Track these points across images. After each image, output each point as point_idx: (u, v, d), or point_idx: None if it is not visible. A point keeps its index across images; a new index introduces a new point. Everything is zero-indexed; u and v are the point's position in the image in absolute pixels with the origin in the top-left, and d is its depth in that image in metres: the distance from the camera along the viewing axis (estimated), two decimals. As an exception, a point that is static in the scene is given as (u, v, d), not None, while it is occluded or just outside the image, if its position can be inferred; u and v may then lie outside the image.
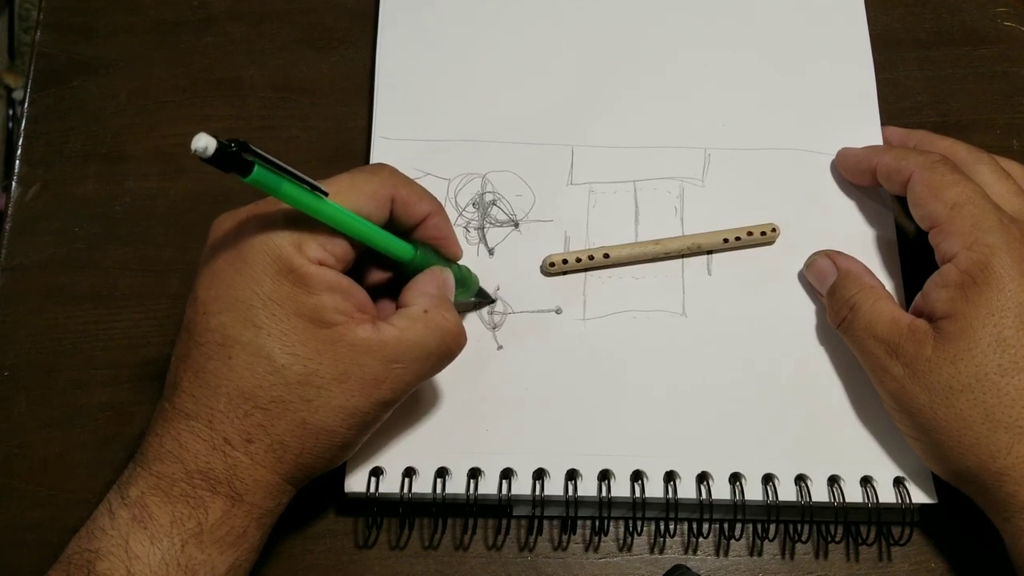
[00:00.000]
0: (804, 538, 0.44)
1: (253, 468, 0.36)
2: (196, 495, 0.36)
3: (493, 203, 0.49)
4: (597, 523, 0.43)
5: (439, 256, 0.42)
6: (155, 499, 0.36)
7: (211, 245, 0.38)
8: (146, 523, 0.35)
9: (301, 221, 0.36)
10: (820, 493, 0.43)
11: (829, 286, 0.45)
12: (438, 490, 0.42)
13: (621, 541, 0.44)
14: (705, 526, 0.44)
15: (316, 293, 0.36)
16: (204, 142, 0.31)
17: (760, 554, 0.44)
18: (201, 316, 0.37)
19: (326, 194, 0.36)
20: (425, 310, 0.39)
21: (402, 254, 0.40)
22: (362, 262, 0.41)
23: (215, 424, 0.36)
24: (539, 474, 0.43)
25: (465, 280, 0.44)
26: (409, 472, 0.43)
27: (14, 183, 0.51)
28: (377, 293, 0.41)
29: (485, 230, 0.48)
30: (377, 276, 0.42)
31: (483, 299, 0.46)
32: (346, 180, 0.38)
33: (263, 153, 0.33)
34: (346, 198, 0.37)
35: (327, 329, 0.36)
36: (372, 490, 0.42)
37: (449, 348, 0.39)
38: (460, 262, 0.44)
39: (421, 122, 0.50)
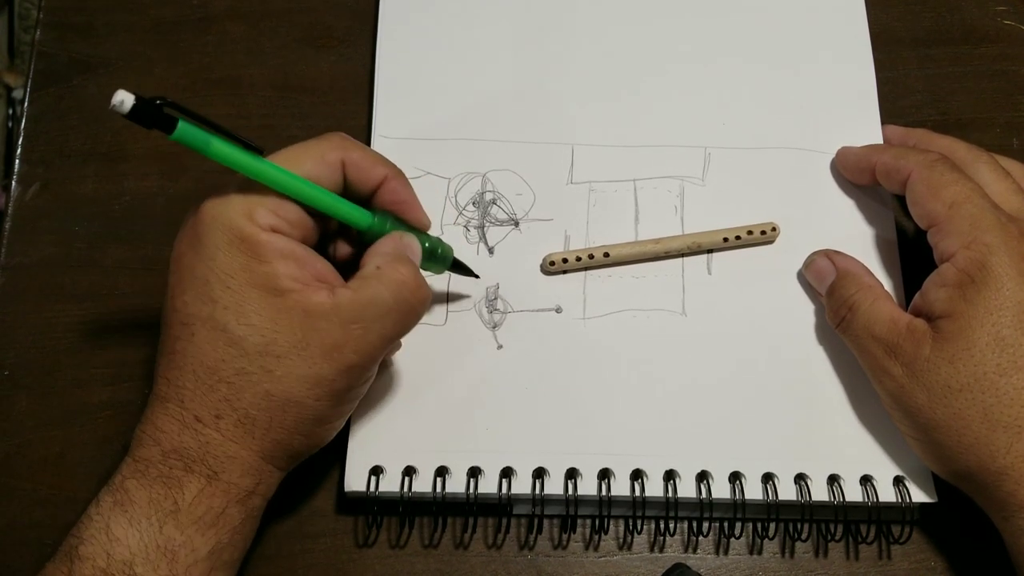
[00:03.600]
0: (804, 537, 0.44)
1: (225, 444, 0.37)
2: (172, 475, 0.36)
3: (493, 202, 0.49)
4: (597, 522, 0.43)
5: (403, 225, 0.41)
6: (134, 482, 0.36)
7: (178, 236, 0.39)
8: (126, 506, 0.36)
9: (251, 190, 0.37)
10: (820, 492, 0.43)
11: (828, 286, 0.45)
12: (438, 489, 0.42)
13: (621, 540, 0.44)
14: (705, 525, 0.44)
15: (268, 261, 0.36)
16: (121, 97, 0.31)
17: (760, 553, 0.44)
18: (169, 301, 0.38)
19: (261, 151, 0.36)
20: (378, 266, 0.38)
21: (359, 221, 0.39)
22: (333, 238, 0.41)
23: (186, 403, 0.36)
24: (539, 473, 0.43)
25: (434, 251, 0.42)
26: (409, 471, 0.43)
27: (14, 182, 0.51)
28: (350, 269, 0.41)
29: (485, 229, 0.48)
30: (344, 249, 0.42)
31: (464, 272, 0.45)
32: (296, 147, 0.39)
33: (190, 110, 0.33)
34: (292, 161, 0.37)
35: (281, 297, 0.36)
36: (372, 489, 0.42)
37: (407, 301, 0.38)
38: (434, 235, 0.43)
39: (421, 121, 0.50)
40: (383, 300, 0.37)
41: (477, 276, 0.46)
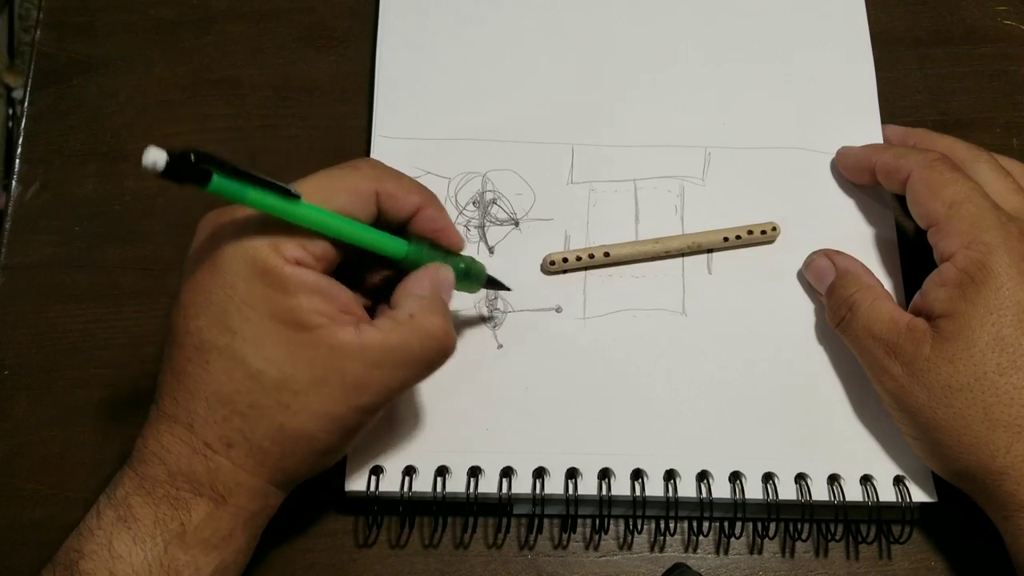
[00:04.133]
0: (804, 536, 0.44)
1: (235, 472, 0.36)
2: (179, 496, 0.35)
3: (493, 202, 0.49)
4: (597, 521, 0.43)
5: (439, 250, 0.40)
6: (139, 499, 0.35)
7: (194, 248, 0.37)
8: (130, 523, 0.35)
9: (279, 220, 0.35)
10: (820, 492, 0.43)
11: (828, 285, 0.45)
12: (438, 489, 0.42)
13: (621, 539, 0.44)
14: (705, 524, 0.44)
15: (293, 295, 0.35)
16: (153, 157, 0.29)
17: (760, 552, 0.44)
18: (181, 320, 0.36)
19: (297, 197, 0.34)
20: (411, 314, 0.37)
21: (393, 251, 0.38)
22: (360, 261, 0.40)
23: (195, 428, 0.36)
24: (539, 473, 0.43)
25: (469, 271, 0.42)
26: (409, 471, 0.43)
27: (14, 182, 0.51)
28: (379, 294, 0.41)
29: (485, 229, 0.48)
30: (377, 276, 0.41)
31: (497, 287, 0.44)
32: (323, 178, 0.37)
33: (222, 159, 0.31)
34: (324, 196, 0.36)
35: (306, 332, 0.35)
36: (372, 489, 0.42)
37: (433, 355, 0.38)
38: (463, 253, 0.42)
39: (421, 121, 0.50)
40: (411, 350, 0.37)
41: (510, 289, 0.45)
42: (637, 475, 0.43)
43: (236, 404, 0.35)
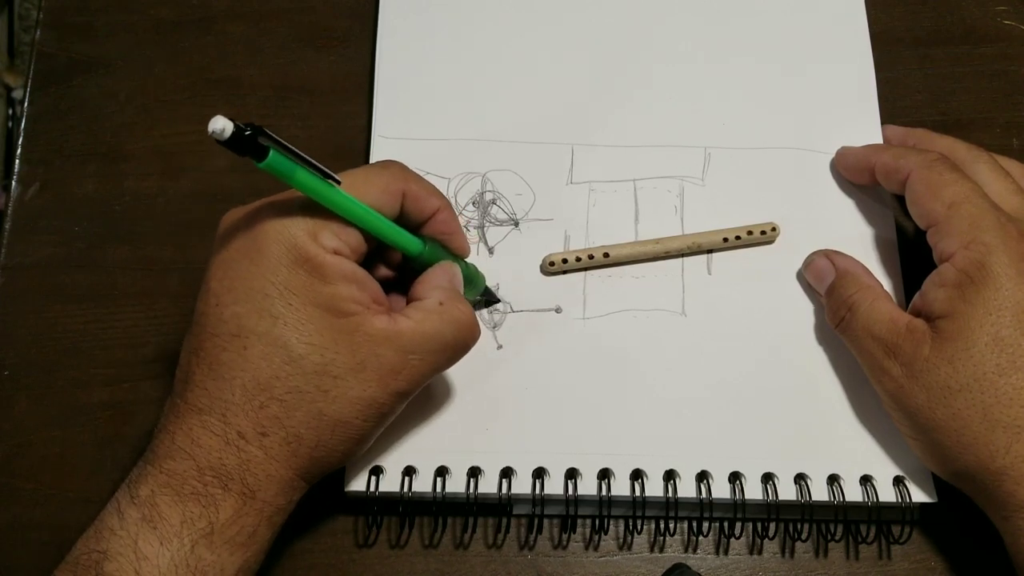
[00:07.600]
0: (804, 537, 0.44)
1: (267, 463, 0.36)
2: (208, 493, 0.35)
3: (493, 202, 0.49)
4: (597, 522, 0.43)
5: (446, 252, 0.42)
6: (165, 498, 0.35)
7: (222, 236, 0.38)
8: (156, 523, 0.35)
9: (315, 211, 0.37)
10: (820, 492, 0.43)
11: (827, 286, 0.45)
12: (438, 489, 0.42)
13: (621, 540, 0.44)
14: (705, 525, 0.44)
15: (332, 282, 0.36)
16: (221, 124, 0.31)
17: (760, 553, 0.44)
18: (214, 307, 0.37)
19: (339, 183, 0.36)
20: (440, 302, 0.39)
21: (412, 248, 0.40)
22: (369, 257, 0.41)
23: (229, 418, 0.36)
24: (539, 473, 0.43)
25: (472, 278, 0.44)
26: (409, 471, 0.43)
27: (14, 182, 0.51)
28: (383, 288, 0.41)
29: (485, 229, 0.48)
30: (383, 271, 0.42)
31: (489, 298, 0.46)
32: (359, 174, 0.39)
33: (278, 139, 0.33)
34: (359, 191, 0.38)
35: (344, 319, 0.36)
36: (372, 489, 0.42)
37: (464, 340, 0.40)
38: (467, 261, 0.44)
39: (421, 121, 0.50)
40: (443, 336, 0.38)
41: (499, 301, 0.46)
42: (637, 475, 0.43)
43: (274, 390, 0.36)
